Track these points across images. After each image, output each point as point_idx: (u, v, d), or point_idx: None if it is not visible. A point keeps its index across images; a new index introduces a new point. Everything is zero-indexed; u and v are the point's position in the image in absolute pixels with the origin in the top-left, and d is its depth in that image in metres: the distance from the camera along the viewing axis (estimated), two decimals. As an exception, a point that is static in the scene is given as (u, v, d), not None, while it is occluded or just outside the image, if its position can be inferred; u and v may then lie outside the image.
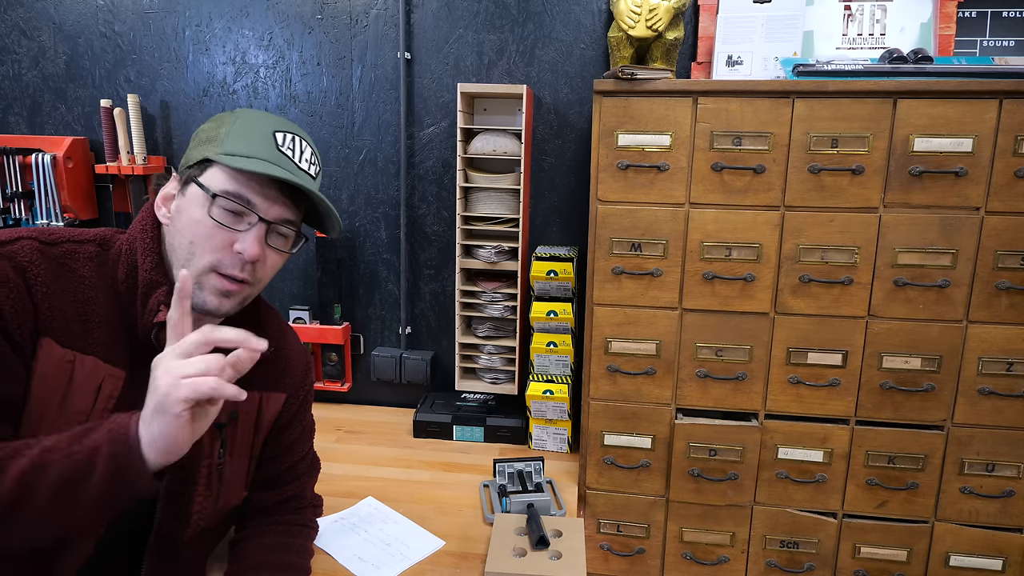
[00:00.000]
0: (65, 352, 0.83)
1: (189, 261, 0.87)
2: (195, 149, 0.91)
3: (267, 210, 0.89)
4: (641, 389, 1.51)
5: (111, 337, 0.88)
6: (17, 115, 2.00)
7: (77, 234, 0.90)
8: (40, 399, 0.82)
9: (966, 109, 1.30)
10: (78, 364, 0.84)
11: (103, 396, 0.86)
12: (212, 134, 0.91)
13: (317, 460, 1.22)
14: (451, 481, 1.57)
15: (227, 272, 0.88)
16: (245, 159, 0.87)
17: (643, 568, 1.59)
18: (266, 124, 0.92)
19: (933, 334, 1.39)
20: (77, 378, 0.84)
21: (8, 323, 0.79)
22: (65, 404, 0.84)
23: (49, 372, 0.82)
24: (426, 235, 1.93)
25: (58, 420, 0.84)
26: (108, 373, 0.87)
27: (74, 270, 0.87)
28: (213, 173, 0.88)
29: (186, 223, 0.88)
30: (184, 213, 0.88)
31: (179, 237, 0.88)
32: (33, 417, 0.82)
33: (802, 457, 1.48)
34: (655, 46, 1.56)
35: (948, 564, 1.48)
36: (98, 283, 0.88)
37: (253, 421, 1.03)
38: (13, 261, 0.81)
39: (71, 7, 1.93)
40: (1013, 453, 1.41)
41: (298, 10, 1.85)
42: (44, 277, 0.83)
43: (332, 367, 1.98)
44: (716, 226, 1.41)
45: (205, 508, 0.99)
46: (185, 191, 0.90)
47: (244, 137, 0.89)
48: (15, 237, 0.84)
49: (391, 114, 1.87)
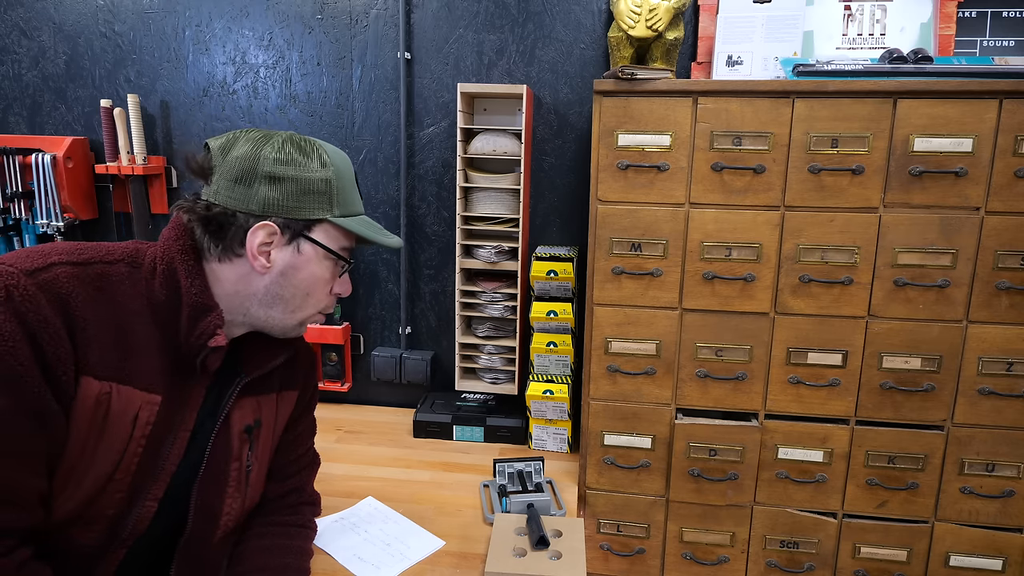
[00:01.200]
0: (103, 385, 0.82)
1: (299, 308, 0.95)
2: (300, 199, 0.90)
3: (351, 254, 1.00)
4: (641, 389, 1.51)
5: (148, 363, 0.86)
6: (17, 115, 2.00)
7: (105, 253, 0.88)
8: (78, 439, 0.81)
9: (966, 109, 1.30)
10: (115, 395, 0.83)
11: (140, 424, 0.85)
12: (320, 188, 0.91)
13: (317, 456, 1.24)
14: (451, 481, 1.57)
15: (327, 312, 1.00)
16: (358, 220, 0.96)
17: (643, 568, 1.59)
18: (347, 166, 0.96)
19: (933, 334, 1.39)
20: (114, 410, 0.83)
21: (54, 371, 0.77)
22: (102, 438, 0.83)
23: (87, 410, 0.81)
24: (426, 235, 1.93)
25: (94, 455, 0.83)
26: (144, 400, 0.86)
27: (108, 293, 0.84)
28: (328, 231, 0.94)
29: (306, 279, 0.94)
30: (303, 270, 0.93)
31: (291, 289, 0.93)
32: (72, 456, 0.81)
33: (802, 457, 1.48)
34: (655, 46, 1.56)
35: (948, 564, 1.48)
36: (133, 307, 0.86)
37: (272, 422, 1.06)
38: (51, 293, 0.78)
39: (71, 7, 1.93)
40: (1013, 453, 1.41)
41: (298, 10, 1.85)
42: (83, 308, 0.81)
43: (332, 367, 1.98)
44: (716, 226, 1.41)
45: (233, 509, 1.00)
46: (300, 245, 0.92)
47: (344, 191, 0.94)
48: (48, 263, 0.80)
49: (391, 114, 1.87)
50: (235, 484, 0.99)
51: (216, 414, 0.96)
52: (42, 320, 0.76)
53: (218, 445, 0.96)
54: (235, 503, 1.00)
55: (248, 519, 1.11)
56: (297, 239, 0.91)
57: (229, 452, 0.97)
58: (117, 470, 0.84)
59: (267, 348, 1.01)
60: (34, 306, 0.76)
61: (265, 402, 1.04)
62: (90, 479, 0.83)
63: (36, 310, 0.76)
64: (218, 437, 0.96)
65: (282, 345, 1.03)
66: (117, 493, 0.86)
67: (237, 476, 0.99)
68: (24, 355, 0.75)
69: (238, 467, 0.99)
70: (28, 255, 0.81)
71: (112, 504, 0.86)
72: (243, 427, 0.99)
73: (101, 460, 0.83)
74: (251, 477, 1.03)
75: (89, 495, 0.84)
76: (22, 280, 0.76)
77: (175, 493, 0.93)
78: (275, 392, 1.06)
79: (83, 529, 0.86)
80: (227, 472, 0.98)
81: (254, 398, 1.01)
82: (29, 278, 0.77)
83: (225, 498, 0.98)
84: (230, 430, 0.98)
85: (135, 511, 0.88)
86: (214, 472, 0.96)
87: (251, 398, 1.01)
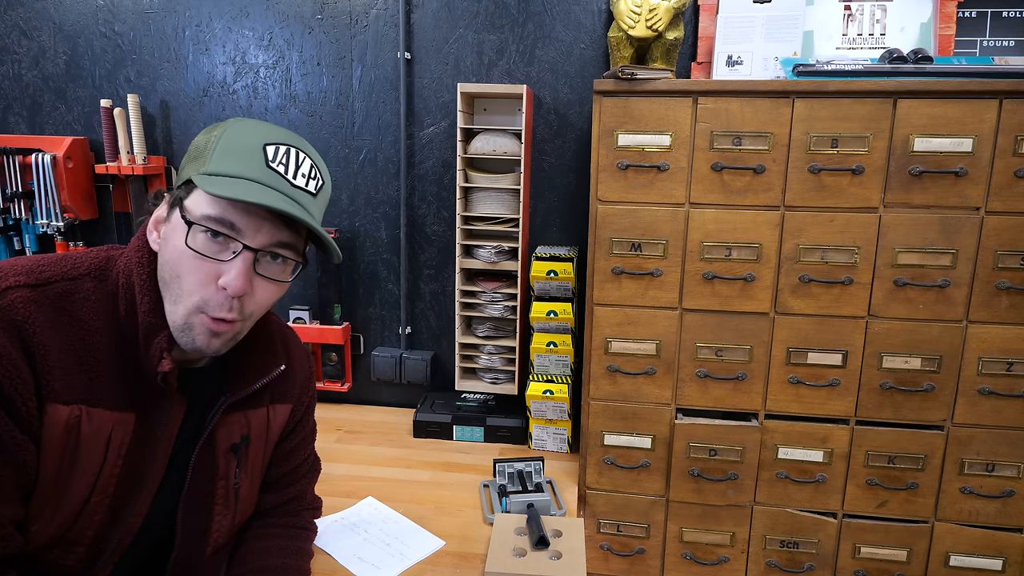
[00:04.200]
0: (71, 409, 0.78)
1: (177, 299, 0.80)
2: (184, 167, 0.83)
3: (254, 235, 0.79)
4: (641, 389, 1.51)
5: (117, 381, 0.82)
6: (17, 115, 2.00)
7: (69, 268, 0.82)
8: (51, 465, 0.78)
9: (966, 109, 1.30)
10: (84, 419, 0.79)
11: (113, 446, 0.82)
12: (199, 150, 0.82)
13: (318, 462, 1.22)
14: (451, 481, 1.57)
15: (214, 313, 0.79)
16: (227, 181, 0.77)
17: (643, 568, 1.59)
18: (256, 136, 0.81)
19: (933, 334, 1.39)
20: (85, 433, 0.79)
21: (12, 402, 0.74)
22: (76, 462, 0.80)
23: (57, 436, 0.78)
24: (426, 235, 1.93)
25: (69, 480, 0.80)
26: (117, 421, 0.82)
27: (71, 313, 0.80)
28: (196, 196, 0.79)
29: (171, 253, 0.80)
30: (169, 242, 0.80)
31: (167, 268, 0.81)
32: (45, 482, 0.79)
33: (802, 457, 1.48)
34: (655, 46, 1.56)
35: (948, 564, 1.48)
36: (98, 324, 0.81)
37: (263, 436, 1.02)
38: (5, 320, 0.74)
39: (71, 7, 1.93)
40: (1013, 453, 1.41)
41: (298, 10, 1.85)
42: (42, 333, 0.76)
43: (332, 367, 1.98)
44: (716, 226, 1.41)
45: (223, 526, 0.98)
46: (171, 216, 0.81)
47: (230, 154, 0.79)
48: (3, 288, 0.76)
49: (391, 114, 1.87)
50: (222, 502, 0.96)
51: (199, 433, 0.92)
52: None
53: (201, 464, 0.92)
54: (224, 520, 0.98)
55: (247, 522, 1.10)
56: (175, 208, 0.81)
57: (215, 471, 0.94)
58: (94, 492, 0.82)
59: (252, 365, 0.95)
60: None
61: (255, 416, 0.99)
62: (67, 503, 0.81)
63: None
64: (201, 456, 0.92)
65: (270, 361, 0.97)
66: (96, 515, 0.83)
67: (224, 494, 0.96)
68: None
69: (225, 485, 0.96)
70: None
71: (92, 526, 0.84)
72: (229, 446, 0.95)
73: (76, 484, 0.80)
74: (240, 493, 0.99)
75: (68, 518, 0.82)
76: None
77: (161, 511, 0.91)
78: (265, 406, 1.01)
79: (64, 551, 0.84)
80: (213, 491, 0.94)
81: (242, 413, 0.96)
82: None
83: (213, 516, 0.96)
84: (215, 448, 0.93)
85: (117, 530, 0.86)
86: (199, 491, 0.93)
87: (239, 414, 0.96)
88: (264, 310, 0.86)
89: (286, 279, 0.85)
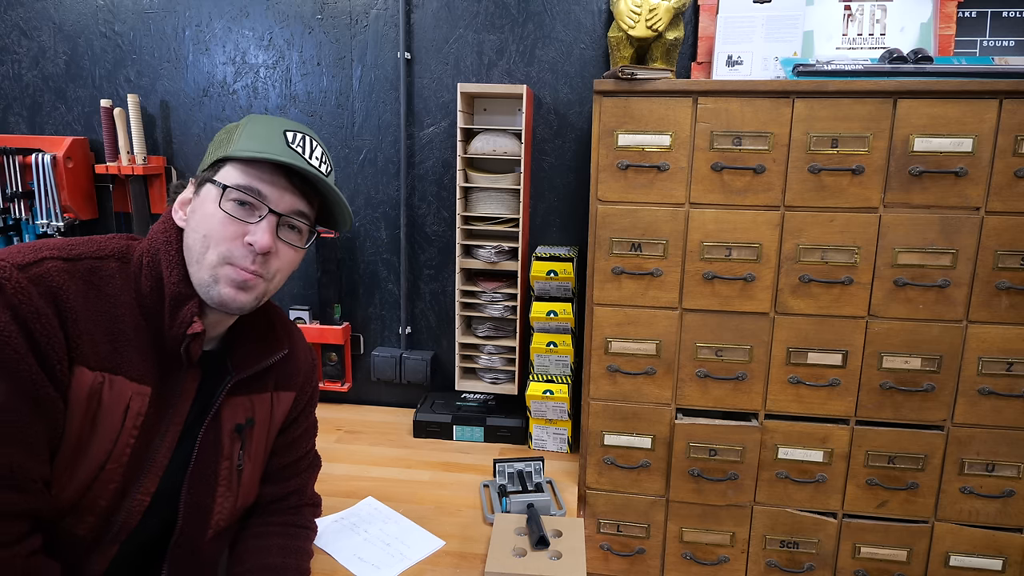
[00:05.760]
0: (96, 375, 0.84)
1: (203, 256, 0.88)
2: (209, 155, 0.94)
3: (278, 202, 0.90)
4: (641, 389, 1.51)
5: (138, 354, 0.88)
6: (17, 115, 2.00)
7: (95, 249, 0.90)
8: (74, 427, 0.83)
9: (966, 109, 1.30)
10: (107, 385, 0.85)
11: (131, 414, 0.87)
12: (224, 139, 0.93)
13: (318, 458, 1.23)
14: (451, 481, 1.57)
15: (240, 264, 0.88)
16: (256, 152, 0.89)
17: (643, 568, 1.59)
18: (277, 125, 0.93)
19: (933, 334, 1.39)
20: (105, 400, 0.85)
21: (48, 359, 0.79)
22: (96, 427, 0.85)
23: (81, 399, 0.83)
24: (426, 235, 1.93)
25: (89, 443, 0.85)
26: (135, 391, 0.87)
27: (99, 288, 0.87)
28: (227, 171, 0.90)
29: (200, 219, 0.89)
30: (198, 211, 0.90)
31: (193, 234, 0.89)
32: (68, 444, 0.83)
33: (802, 457, 1.48)
34: (655, 46, 1.56)
35: (948, 564, 1.48)
36: (123, 299, 0.88)
37: (267, 422, 1.06)
38: (42, 286, 0.81)
39: (71, 7, 1.93)
40: (1013, 453, 1.41)
41: (298, 10, 1.85)
42: (74, 300, 0.83)
43: (332, 367, 1.98)
44: (716, 226, 1.41)
45: (225, 508, 1.01)
46: (200, 191, 0.91)
47: (254, 138, 0.91)
48: (39, 258, 0.83)
49: (391, 114, 1.87)
50: (226, 483, 1.00)
51: (206, 413, 0.97)
52: (34, 311, 0.78)
53: (207, 442, 0.97)
54: (227, 502, 1.00)
55: (247, 519, 1.11)
56: (203, 185, 0.92)
57: (219, 450, 0.98)
58: (109, 459, 0.86)
59: (257, 347, 1.02)
60: (26, 298, 0.78)
61: (259, 401, 1.04)
62: (84, 468, 0.85)
63: (28, 302, 0.78)
64: (207, 434, 0.97)
65: (274, 345, 1.04)
66: (110, 484, 0.87)
67: (228, 475, 1.00)
68: (19, 344, 0.77)
69: (228, 466, 0.99)
70: (20, 251, 0.83)
71: (105, 495, 0.87)
72: (233, 426, 1.00)
73: (95, 449, 0.85)
74: (243, 476, 1.03)
75: (83, 484, 0.85)
76: (14, 274, 0.79)
77: (167, 490, 0.94)
78: (269, 391, 1.06)
79: (76, 520, 0.87)
80: (217, 470, 0.98)
81: (247, 396, 1.02)
82: (21, 272, 0.80)
83: (216, 496, 0.99)
84: (220, 428, 0.98)
85: (127, 504, 0.89)
86: (203, 470, 0.97)
87: (243, 397, 1.01)
88: (286, 274, 0.96)
89: (303, 245, 0.96)
